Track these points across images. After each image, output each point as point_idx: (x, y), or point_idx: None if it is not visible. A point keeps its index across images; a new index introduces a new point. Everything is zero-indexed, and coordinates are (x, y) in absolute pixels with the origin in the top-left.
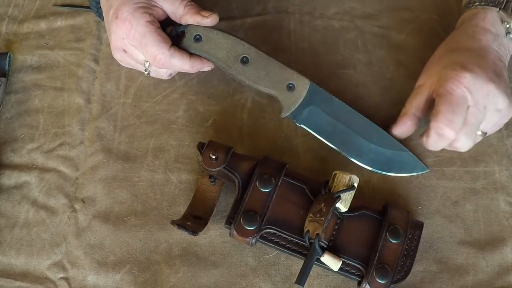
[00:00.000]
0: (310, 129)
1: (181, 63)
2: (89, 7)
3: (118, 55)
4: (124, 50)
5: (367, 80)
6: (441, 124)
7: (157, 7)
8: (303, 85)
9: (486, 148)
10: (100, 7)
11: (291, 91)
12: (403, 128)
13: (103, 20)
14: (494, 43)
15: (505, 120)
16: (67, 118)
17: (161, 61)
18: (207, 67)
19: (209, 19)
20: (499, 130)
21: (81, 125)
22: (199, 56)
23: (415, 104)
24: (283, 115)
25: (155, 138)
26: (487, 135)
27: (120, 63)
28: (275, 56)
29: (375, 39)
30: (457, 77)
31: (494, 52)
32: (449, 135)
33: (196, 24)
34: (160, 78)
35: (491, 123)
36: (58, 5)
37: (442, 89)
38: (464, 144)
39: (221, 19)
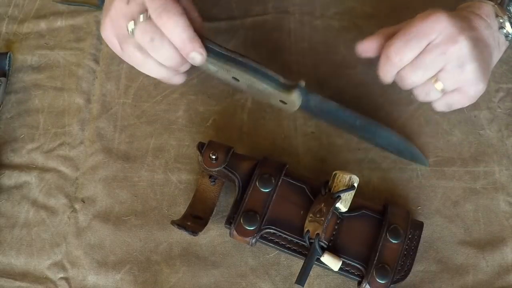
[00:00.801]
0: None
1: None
2: (87, 4)
3: (111, 31)
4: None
5: (367, 80)
6: (391, 48)
7: None
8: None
9: (486, 148)
10: None
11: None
12: (367, 45)
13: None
14: (485, 30)
15: (468, 88)
16: (67, 118)
17: (173, 63)
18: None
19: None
20: (499, 130)
21: (81, 125)
22: None
23: (387, 30)
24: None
25: (155, 138)
26: (448, 102)
27: (108, 42)
28: (275, 56)
29: None
30: (431, 14)
31: (483, 34)
32: (394, 60)
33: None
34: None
35: (451, 79)
36: (57, 1)
37: (410, 22)
38: (410, 78)
39: (221, 19)
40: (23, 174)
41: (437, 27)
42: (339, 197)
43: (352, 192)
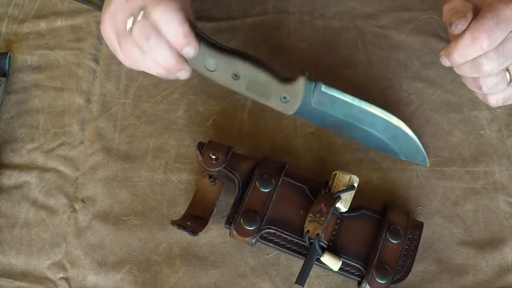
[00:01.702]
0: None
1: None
2: (91, 3)
3: (109, 24)
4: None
5: (367, 80)
6: (482, 28)
7: None
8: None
9: (486, 148)
10: None
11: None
12: (462, 24)
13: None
14: None
15: None
16: (67, 118)
17: (171, 68)
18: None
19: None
20: (499, 130)
21: (81, 125)
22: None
23: (462, 3)
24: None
25: (155, 138)
26: (509, 94)
27: (107, 39)
28: (275, 56)
29: (375, 39)
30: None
31: None
32: (484, 43)
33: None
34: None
35: None
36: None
37: (495, 3)
38: (490, 65)
39: (221, 19)
40: (23, 174)
41: None
42: (339, 197)
43: (352, 192)
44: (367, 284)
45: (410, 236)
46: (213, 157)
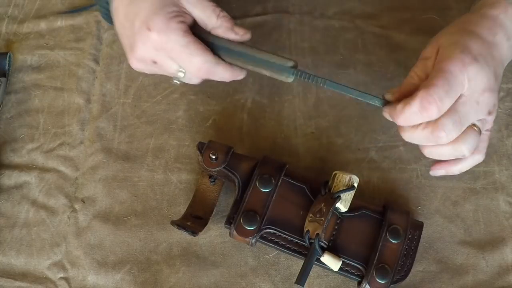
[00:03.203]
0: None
1: (223, 72)
2: (88, 6)
3: (141, 65)
4: (154, 61)
5: (367, 80)
6: (431, 98)
7: (186, 13)
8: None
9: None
10: (109, 12)
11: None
12: (402, 90)
13: (111, 23)
14: (506, 43)
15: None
16: (67, 118)
17: (207, 70)
18: (242, 75)
19: (242, 37)
20: (499, 130)
21: (81, 125)
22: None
23: (420, 74)
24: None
25: (155, 138)
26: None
27: (139, 71)
28: None
29: (375, 39)
30: (464, 62)
31: (503, 54)
32: (433, 111)
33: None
34: (190, 83)
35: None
36: (63, 12)
37: (444, 65)
38: (449, 130)
39: None
40: (23, 174)
41: (468, 76)
42: (339, 197)
43: (352, 192)
44: (367, 284)
45: (410, 236)
46: (213, 157)
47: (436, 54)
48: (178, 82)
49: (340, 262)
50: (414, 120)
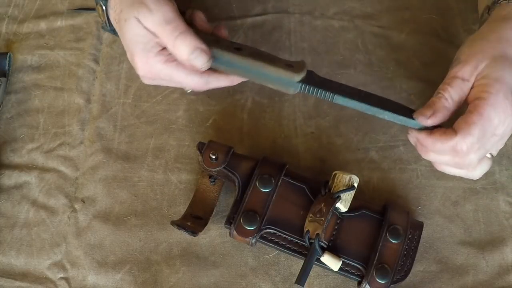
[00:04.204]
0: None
1: (217, 82)
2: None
3: (150, 83)
4: (157, 83)
5: (367, 80)
6: (465, 145)
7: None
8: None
9: None
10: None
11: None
12: (438, 117)
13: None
14: None
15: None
16: (67, 118)
17: (199, 88)
18: (241, 80)
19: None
20: None
21: (81, 125)
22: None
23: (455, 98)
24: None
25: (155, 138)
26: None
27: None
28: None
29: (375, 39)
30: (506, 111)
31: None
32: (463, 154)
33: None
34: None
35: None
36: (72, 9)
37: (484, 110)
38: (474, 163)
39: (221, 19)
40: (23, 174)
41: (499, 118)
42: (339, 197)
43: (352, 192)
44: (367, 284)
45: (410, 236)
46: (213, 157)
47: (474, 78)
48: (188, 92)
49: (340, 262)
50: (442, 153)
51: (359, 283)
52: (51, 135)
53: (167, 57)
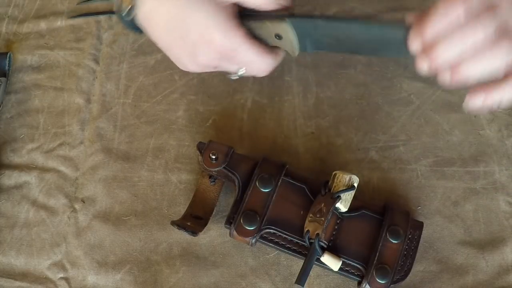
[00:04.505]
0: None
1: (278, 61)
2: (107, 12)
3: (199, 69)
4: (216, 66)
5: (367, 80)
6: None
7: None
8: (287, 32)
9: (486, 148)
10: (134, 23)
11: (281, 39)
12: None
13: (141, 33)
14: None
15: None
16: (67, 118)
17: (268, 71)
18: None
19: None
20: (499, 130)
21: (81, 125)
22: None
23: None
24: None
25: (155, 138)
26: None
27: (193, 72)
28: None
29: None
30: None
31: None
32: (459, 8)
33: None
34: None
35: None
36: (73, 16)
37: None
38: (485, 28)
39: None
40: (23, 174)
41: None
42: (339, 197)
43: (352, 192)
44: (367, 284)
45: (410, 236)
46: (213, 157)
47: None
48: (234, 78)
49: (340, 262)
50: (440, 25)
51: (359, 283)
52: (51, 135)
53: (247, 32)
